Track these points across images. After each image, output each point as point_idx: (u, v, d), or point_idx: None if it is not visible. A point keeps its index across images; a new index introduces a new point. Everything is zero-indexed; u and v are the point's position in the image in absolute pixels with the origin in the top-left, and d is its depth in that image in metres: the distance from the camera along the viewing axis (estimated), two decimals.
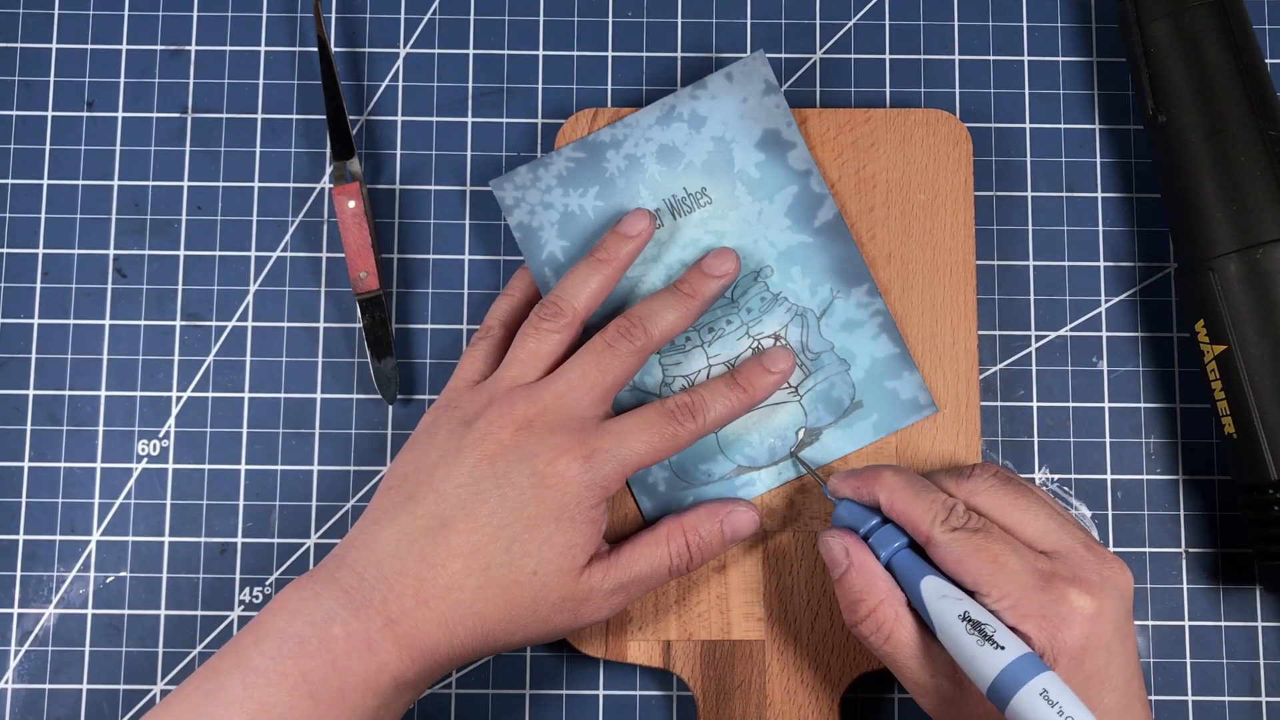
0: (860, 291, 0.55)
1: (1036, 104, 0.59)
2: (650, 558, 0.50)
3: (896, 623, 0.46)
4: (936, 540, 0.46)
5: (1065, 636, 0.43)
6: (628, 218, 0.53)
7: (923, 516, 0.46)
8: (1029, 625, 0.43)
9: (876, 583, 0.47)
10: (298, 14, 0.59)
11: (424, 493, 0.48)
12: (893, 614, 0.46)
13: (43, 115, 0.59)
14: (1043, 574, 0.44)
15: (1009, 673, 0.42)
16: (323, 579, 0.47)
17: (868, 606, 0.46)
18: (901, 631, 0.46)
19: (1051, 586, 0.44)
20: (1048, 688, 0.41)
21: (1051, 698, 0.41)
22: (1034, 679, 0.41)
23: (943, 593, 0.45)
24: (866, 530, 0.48)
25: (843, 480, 0.50)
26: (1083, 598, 0.44)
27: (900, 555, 0.47)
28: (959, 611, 0.44)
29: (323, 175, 0.59)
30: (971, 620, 0.43)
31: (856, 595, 0.47)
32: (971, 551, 0.45)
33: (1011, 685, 0.41)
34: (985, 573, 0.44)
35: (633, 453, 0.48)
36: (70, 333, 0.58)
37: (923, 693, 0.46)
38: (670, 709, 0.56)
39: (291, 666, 0.44)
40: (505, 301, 0.55)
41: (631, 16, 0.60)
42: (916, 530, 0.46)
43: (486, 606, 0.47)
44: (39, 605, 0.56)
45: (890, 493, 0.48)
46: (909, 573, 0.46)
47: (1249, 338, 0.52)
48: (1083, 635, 0.43)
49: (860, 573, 0.47)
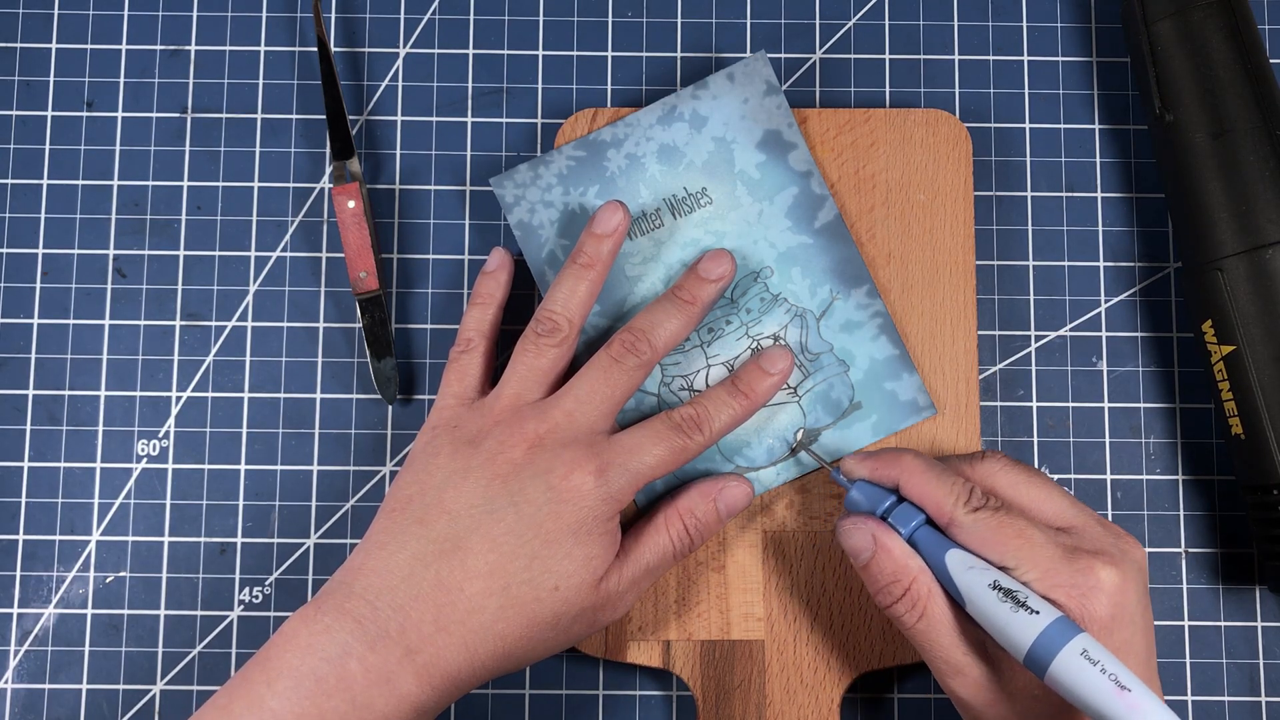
0: (860, 293, 0.55)
1: (1036, 104, 0.59)
2: (654, 547, 0.50)
3: (930, 599, 0.46)
4: (960, 522, 0.46)
5: (1094, 607, 0.43)
6: (599, 215, 0.52)
7: (945, 498, 0.46)
8: (1059, 595, 0.43)
9: (906, 561, 0.46)
10: (298, 14, 0.59)
11: (434, 515, 0.47)
12: (926, 590, 0.46)
13: (43, 115, 0.59)
14: (1066, 548, 0.44)
15: (1046, 636, 0.42)
16: (332, 610, 0.45)
17: (902, 586, 0.46)
18: (935, 608, 0.46)
19: (1077, 559, 0.44)
20: (1087, 648, 0.41)
21: (1093, 657, 0.41)
22: (1073, 640, 0.41)
23: (969, 564, 0.45)
24: (883, 510, 0.48)
25: (859, 462, 0.50)
26: (1107, 570, 0.44)
27: (921, 532, 0.47)
28: (989, 581, 0.44)
29: (322, 175, 0.59)
30: (1002, 588, 0.43)
31: (889, 577, 0.47)
32: (996, 529, 0.45)
33: (1050, 648, 0.41)
34: (1012, 548, 0.44)
35: (644, 465, 0.48)
36: (70, 333, 0.58)
37: (955, 673, 0.46)
38: (670, 709, 0.56)
39: (310, 708, 0.43)
40: (479, 310, 0.54)
41: (631, 16, 0.59)
42: (939, 512, 0.46)
43: (508, 626, 0.46)
44: (39, 605, 0.56)
45: (910, 475, 0.47)
46: (932, 548, 0.46)
47: (1257, 338, 0.52)
48: (1111, 605, 0.43)
49: (889, 554, 0.47)
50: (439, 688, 0.45)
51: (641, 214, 0.55)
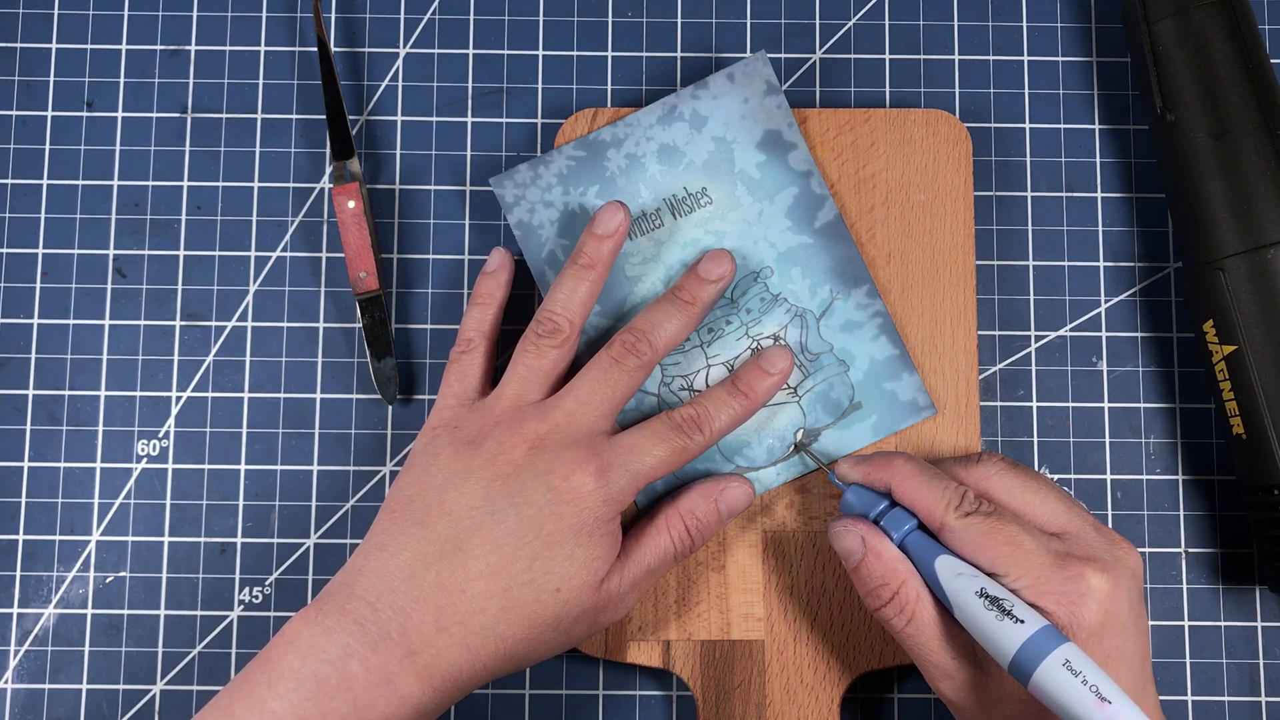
0: (860, 293, 0.55)
1: (1036, 104, 0.59)
2: (656, 548, 0.50)
3: (919, 603, 0.46)
4: (951, 526, 0.46)
5: (1084, 614, 0.43)
6: (600, 216, 0.52)
7: (936, 503, 0.46)
8: (1048, 602, 0.43)
9: (896, 565, 0.47)
10: (298, 14, 0.59)
11: (434, 516, 0.47)
12: (914, 594, 0.46)
13: (43, 115, 0.59)
14: (1058, 554, 0.45)
15: (1030, 645, 0.42)
16: (333, 611, 0.45)
17: (890, 589, 0.46)
18: (924, 612, 0.46)
19: (1067, 565, 0.44)
20: (1070, 658, 0.41)
21: (1075, 668, 0.41)
22: (1056, 650, 0.41)
23: (958, 570, 0.45)
24: (876, 514, 0.48)
25: (852, 466, 0.50)
26: (1098, 576, 0.44)
27: (912, 537, 0.47)
28: (976, 588, 0.44)
29: (322, 175, 0.59)
30: (989, 596, 0.44)
31: (878, 580, 0.47)
32: (987, 534, 0.45)
33: (1034, 657, 0.42)
34: (1002, 554, 0.44)
35: (645, 466, 0.48)
36: (70, 333, 0.58)
37: (944, 676, 0.46)
38: (670, 709, 0.56)
39: (311, 709, 0.43)
40: (478, 311, 0.54)
41: (631, 16, 0.59)
42: (930, 517, 0.46)
43: (509, 628, 0.46)
44: (39, 605, 0.56)
45: (902, 480, 0.48)
46: (922, 553, 0.46)
47: (1258, 338, 0.52)
48: (1101, 612, 0.43)
49: (878, 557, 0.47)
50: (440, 689, 0.45)
51: (641, 214, 0.55)
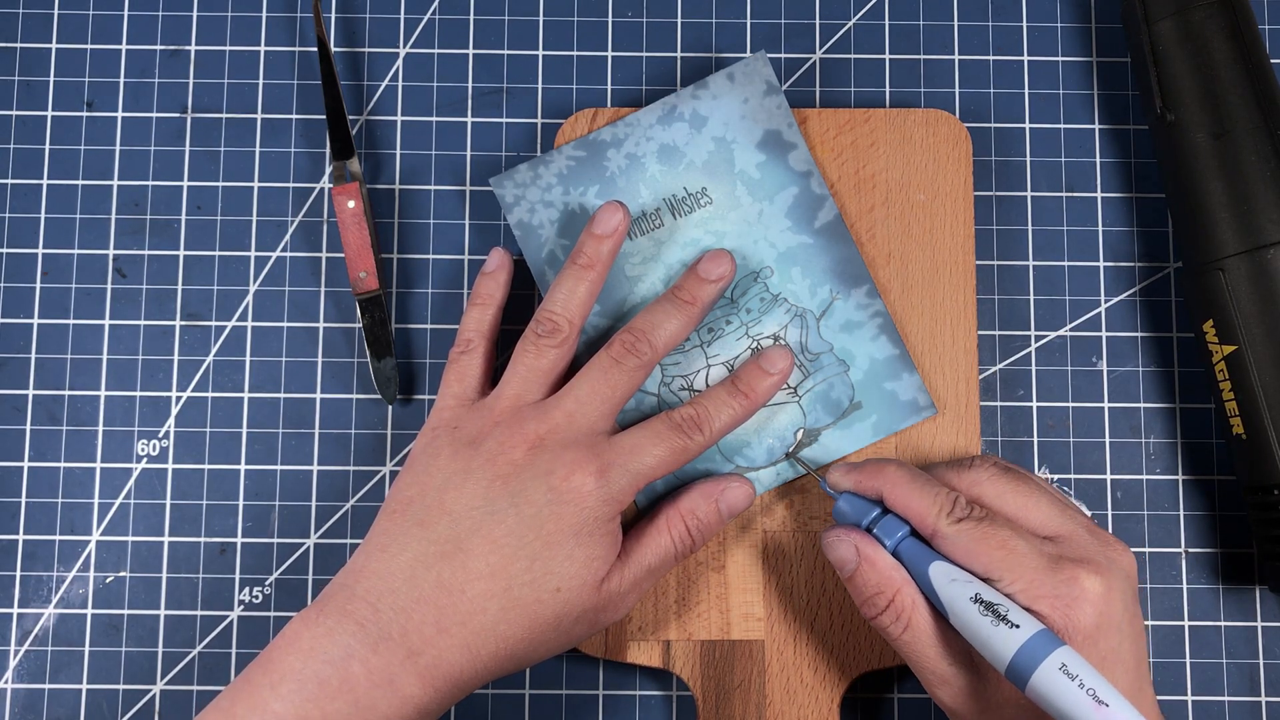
0: (860, 293, 0.55)
1: (1036, 104, 0.59)
2: (656, 548, 0.50)
3: (915, 610, 0.46)
4: (943, 533, 0.46)
5: (1078, 617, 0.43)
6: (599, 216, 0.52)
7: (927, 510, 0.46)
8: (1043, 606, 0.44)
9: (891, 573, 0.47)
10: (298, 14, 0.59)
11: (435, 516, 0.47)
12: (910, 602, 0.46)
13: (43, 115, 0.59)
14: (1051, 557, 0.45)
15: (1026, 649, 0.42)
16: (334, 612, 0.45)
17: (886, 597, 0.46)
18: (920, 619, 0.46)
19: (1061, 568, 0.44)
20: (1066, 661, 0.41)
21: (1071, 671, 0.41)
22: (1052, 654, 0.41)
23: (952, 576, 0.45)
24: (869, 522, 0.48)
25: (844, 474, 0.50)
26: (1092, 578, 0.44)
27: (906, 544, 0.47)
28: (970, 594, 0.44)
29: (322, 175, 0.59)
30: (984, 601, 0.44)
31: (873, 589, 0.47)
32: (979, 540, 0.45)
33: (1030, 662, 0.42)
34: (996, 559, 0.44)
35: (644, 466, 0.48)
36: (70, 333, 0.58)
37: (942, 683, 0.46)
38: (670, 709, 0.56)
39: (313, 710, 0.43)
40: (478, 311, 0.54)
41: (631, 16, 0.59)
42: (922, 523, 0.46)
43: (510, 628, 0.46)
44: (39, 605, 0.56)
45: (893, 487, 0.48)
46: (916, 560, 0.46)
47: (1258, 338, 0.52)
48: (1095, 614, 0.43)
49: (873, 566, 0.47)
50: (441, 689, 0.45)
51: (641, 214, 0.55)
